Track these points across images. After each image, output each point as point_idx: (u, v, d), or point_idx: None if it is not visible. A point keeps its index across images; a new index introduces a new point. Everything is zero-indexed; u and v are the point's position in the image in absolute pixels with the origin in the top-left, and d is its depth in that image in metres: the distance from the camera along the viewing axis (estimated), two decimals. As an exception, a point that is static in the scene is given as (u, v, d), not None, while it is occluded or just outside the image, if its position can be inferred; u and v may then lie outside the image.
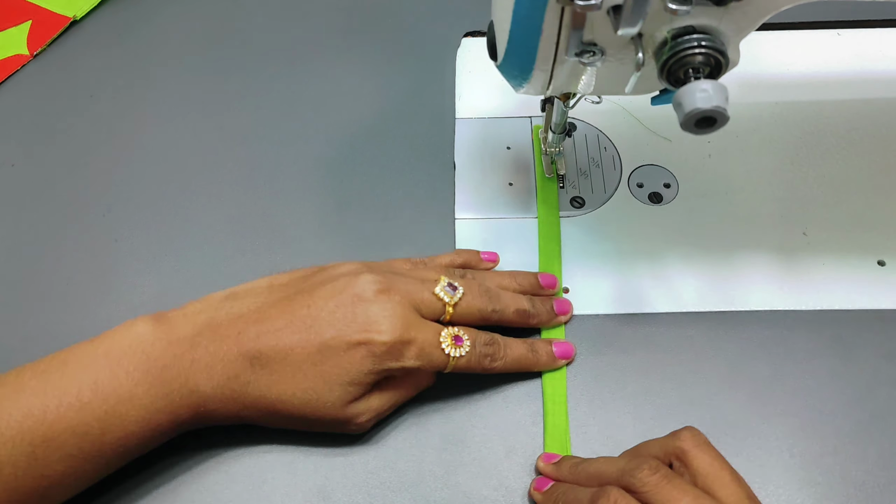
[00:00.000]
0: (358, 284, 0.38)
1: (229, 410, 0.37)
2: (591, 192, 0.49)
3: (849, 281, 0.45)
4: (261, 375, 0.37)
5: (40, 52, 0.58)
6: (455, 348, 0.38)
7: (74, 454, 0.34)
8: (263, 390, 0.37)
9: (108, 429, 0.34)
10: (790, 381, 0.41)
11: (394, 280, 0.39)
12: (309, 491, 0.38)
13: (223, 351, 0.36)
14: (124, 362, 0.35)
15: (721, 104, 0.31)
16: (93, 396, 0.34)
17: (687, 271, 0.45)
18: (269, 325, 0.37)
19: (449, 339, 0.38)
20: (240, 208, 0.49)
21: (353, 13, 0.60)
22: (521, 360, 0.41)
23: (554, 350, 0.42)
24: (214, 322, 0.37)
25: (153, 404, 0.35)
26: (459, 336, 0.39)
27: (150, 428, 0.35)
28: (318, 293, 0.38)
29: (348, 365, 0.37)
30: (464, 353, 0.38)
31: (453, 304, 0.39)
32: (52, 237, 0.48)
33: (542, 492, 0.37)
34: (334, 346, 0.36)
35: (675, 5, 0.31)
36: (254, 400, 0.37)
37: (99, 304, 0.45)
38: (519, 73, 0.38)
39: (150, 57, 0.57)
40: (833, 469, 0.39)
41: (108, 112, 0.54)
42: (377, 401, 0.39)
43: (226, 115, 0.54)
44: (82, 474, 0.35)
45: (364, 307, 0.37)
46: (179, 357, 0.36)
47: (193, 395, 0.36)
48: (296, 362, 0.37)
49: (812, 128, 0.52)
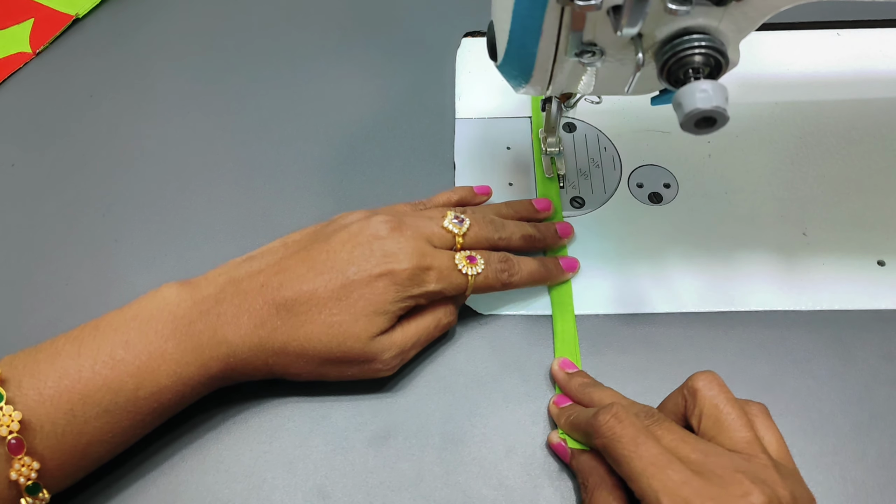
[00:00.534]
0: (371, 226, 0.40)
1: (258, 359, 0.38)
2: (591, 192, 0.49)
3: (849, 281, 0.45)
4: (287, 319, 0.38)
5: (43, 49, 0.58)
6: (471, 267, 0.41)
7: (111, 410, 0.35)
8: (291, 333, 0.38)
9: (141, 384, 0.35)
10: (790, 381, 0.41)
11: (404, 218, 0.41)
12: (309, 491, 0.38)
13: (248, 302, 0.38)
14: (153, 322, 0.37)
15: (721, 104, 0.31)
16: (125, 354, 0.36)
17: (687, 271, 0.45)
18: (290, 273, 0.39)
19: (464, 261, 0.41)
20: (240, 208, 0.49)
21: (353, 13, 0.60)
22: (534, 273, 0.43)
23: (561, 264, 0.45)
24: (236, 279, 0.39)
25: (183, 358, 0.36)
26: (473, 256, 0.41)
27: (182, 382, 0.37)
28: (333, 240, 0.40)
29: (372, 296, 0.38)
30: (480, 271, 0.41)
31: (462, 235, 0.42)
32: (52, 237, 0.48)
33: (560, 408, 0.40)
34: (357, 280, 0.38)
35: (674, 5, 0.31)
36: (282, 345, 0.38)
37: (99, 304, 0.45)
38: (519, 73, 0.38)
39: (151, 56, 0.58)
40: (833, 469, 0.39)
41: (108, 112, 0.54)
42: (400, 335, 0.40)
43: (226, 115, 0.54)
44: (119, 431, 0.36)
45: (381, 243, 0.39)
46: (206, 313, 0.37)
47: (222, 346, 0.37)
48: (321, 301, 0.38)
49: (812, 128, 0.52)
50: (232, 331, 0.37)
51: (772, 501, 0.31)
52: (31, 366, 0.35)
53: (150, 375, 0.36)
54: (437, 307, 0.41)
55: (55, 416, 0.34)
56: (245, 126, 0.53)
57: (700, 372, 0.36)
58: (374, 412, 0.41)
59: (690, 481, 0.31)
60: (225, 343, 0.37)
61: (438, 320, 0.41)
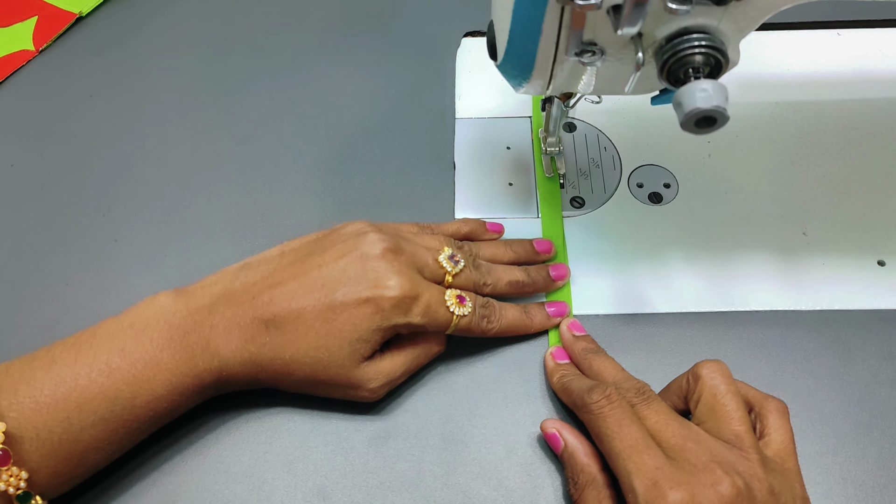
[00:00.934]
0: (366, 243, 0.39)
1: (248, 374, 0.38)
2: (591, 192, 0.49)
3: (849, 281, 0.45)
4: (275, 337, 0.38)
5: (45, 48, 0.58)
6: (459, 307, 0.40)
7: (107, 418, 0.35)
8: (278, 351, 0.38)
9: (137, 392, 0.36)
10: (790, 381, 0.41)
11: (400, 242, 0.40)
12: (309, 491, 0.38)
13: (239, 316, 0.38)
14: (149, 331, 0.37)
15: (721, 104, 0.31)
16: (121, 362, 0.36)
17: (687, 271, 0.45)
18: (281, 288, 0.38)
19: (454, 299, 0.40)
20: (240, 208, 0.49)
21: (353, 13, 0.60)
22: (514, 322, 0.42)
23: (549, 311, 0.43)
24: (230, 290, 0.39)
25: (178, 368, 0.36)
26: (463, 296, 0.40)
27: (178, 392, 0.37)
28: (328, 254, 0.39)
29: (357, 321, 0.38)
30: (467, 313, 0.40)
31: (453, 275, 0.41)
32: (52, 237, 0.48)
33: (556, 362, 0.40)
34: (345, 302, 0.38)
35: (675, 5, 0.31)
36: (269, 361, 0.38)
37: (99, 304, 0.45)
38: (519, 73, 0.38)
39: (151, 56, 0.57)
40: (833, 469, 0.39)
41: (108, 112, 0.54)
42: (388, 365, 0.39)
43: (226, 115, 0.54)
44: (115, 439, 0.36)
45: (372, 265, 0.38)
46: (199, 324, 0.37)
47: (215, 360, 0.37)
48: (308, 321, 0.38)
49: (812, 128, 0.52)
50: (223, 345, 0.37)
51: (741, 493, 0.31)
52: (27, 373, 0.35)
53: (146, 384, 0.36)
54: (429, 337, 0.41)
55: (51, 424, 0.34)
56: (245, 126, 0.53)
57: (709, 360, 0.37)
58: (374, 412, 0.41)
59: (663, 467, 0.32)
60: (217, 356, 0.37)
61: (429, 349, 0.41)
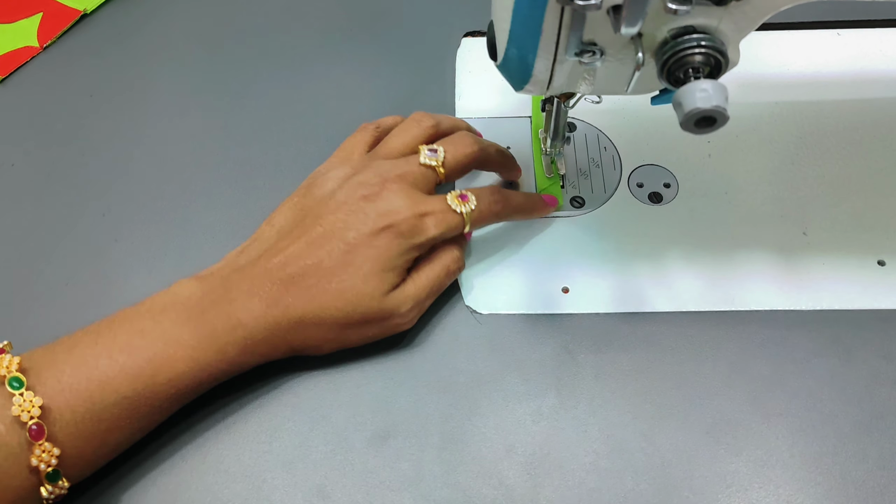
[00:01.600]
0: (357, 188, 0.41)
1: (276, 338, 0.39)
2: (591, 192, 0.49)
3: (849, 281, 0.45)
4: (297, 294, 0.38)
5: (49, 44, 0.58)
6: (463, 205, 0.42)
7: (129, 396, 0.35)
8: (304, 306, 0.38)
9: (158, 370, 0.36)
10: (790, 381, 0.41)
11: (384, 170, 0.42)
12: (309, 491, 0.38)
13: (257, 286, 0.38)
14: (167, 312, 0.37)
15: (721, 104, 0.31)
16: (141, 341, 0.36)
17: (687, 271, 0.45)
18: (290, 251, 0.39)
19: (456, 200, 0.42)
20: (240, 208, 0.49)
21: (352, 13, 0.60)
22: (523, 204, 0.45)
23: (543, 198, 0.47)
24: (239, 268, 0.40)
25: (200, 344, 0.37)
26: (464, 194, 0.42)
27: (200, 367, 0.37)
28: (324, 212, 0.40)
29: (377, 252, 0.39)
30: (473, 207, 0.42)
31: (441, 163, 0.43)
32: (52, 237, 0.48)
33: None
34: (359, 240, 0.39)
35: (675, 5, 0.31)
36: (297, 320, 0.38)
37: (99, 305, 0.45)
38: (519, 73, 0.38)
39: (152, 56, 0.58)
40: (833, 469, 0.39)
41: (108, 112, 0.54)
42: (412, 288, 0.41)
43: (226, 115, 0.54)
44: (137, 417, 0.36)
45: (373, 203, 0.40)
46: (217, 301, 0.38)
47: (238, 330, 0.38)
48: (327, 270, 0.39)
49: (812, 128, 0.52)
50: (245, 314, 0.38)
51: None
52: (49, 356, 0.35)
53: (167, 361, 0.36)
54: (443, 255, 0.42)
55: (74, 404, 0.34)
56: (245, 126, 0.53)
57: None
58: (373, 412, 0.41)
59: None
60: (240, 326, 0.38)
61: (447, 267, 0.42)
